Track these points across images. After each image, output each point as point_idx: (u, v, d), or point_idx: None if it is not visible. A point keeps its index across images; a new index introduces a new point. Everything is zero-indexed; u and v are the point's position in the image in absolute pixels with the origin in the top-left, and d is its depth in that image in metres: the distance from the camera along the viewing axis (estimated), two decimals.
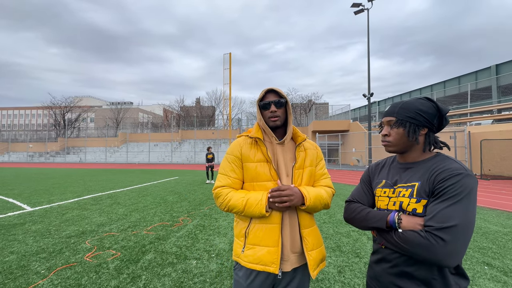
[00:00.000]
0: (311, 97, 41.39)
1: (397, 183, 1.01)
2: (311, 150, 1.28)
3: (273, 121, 1.20)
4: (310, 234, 1.18)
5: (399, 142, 0.99)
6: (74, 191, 8.17)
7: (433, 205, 0.86)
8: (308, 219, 1.21)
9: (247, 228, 1.17)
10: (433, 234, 0.81)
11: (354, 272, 2.69)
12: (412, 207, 0.92)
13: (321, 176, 1.28)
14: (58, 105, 43.15)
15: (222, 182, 1.20)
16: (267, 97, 1.22)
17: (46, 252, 3.20)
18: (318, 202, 1.15)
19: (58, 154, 34.72)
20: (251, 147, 1.21)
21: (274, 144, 1.22)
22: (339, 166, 20.53)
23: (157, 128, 43.49)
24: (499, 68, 19.33)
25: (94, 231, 4.05)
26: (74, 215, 5.08)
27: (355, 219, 1.04)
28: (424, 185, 0.91)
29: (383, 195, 1.03)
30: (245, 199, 1.12)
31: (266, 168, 1.17)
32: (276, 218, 1.14)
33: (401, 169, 1.03)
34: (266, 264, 1.10)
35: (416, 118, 0.96)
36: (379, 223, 0.95)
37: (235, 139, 1.33)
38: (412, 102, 0.98)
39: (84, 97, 62.09)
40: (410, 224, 0.88)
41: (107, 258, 3.02)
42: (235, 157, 1.21)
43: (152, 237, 3.77)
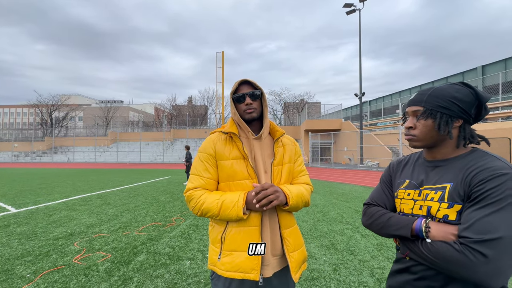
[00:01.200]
0: (303, 97, 41.65)
1: (424, 184, 0.87)
2: (290, 146, 1.22)
3: (249, 113, 1.11)
4: (291, 235, 1.12)
5: (427, 136, 0.84)
6: (61, 192, 7.92)
7: (470, 211, 0.72)
8: (289, 218, 1.14)
9: (223, 232, 1.07)
10: (471, 248, 0.67)
11: (349, 269, 2.69)
12: (443, 213, 0.77)
13: (299, 173, 1.22)
14: (45, 103, 41.82)
15: (195, 184, 1.09)
16: (241, 89, 1.14)
17: (32, 255, 3.07)
18: (300, 200, 1.10)
19: (45, 154, 33.68)
20: (225, 144, 1.11)
21: (251, 139, 1.14)
22: (332, 164, 20.73)
23: (149, 127, 42.77)
24: (485, 69, 19.96)
25: (83, 232, 3.92)
26: (62, 216, 4.91)
27: (375, 224, 0.91)
28: (458, 187, 0.77)
29: (407, 198, 0.89)
30: (220, 201, 1.02)
31: (242, 165, 1.08)
32: (255, 219, 1.05)
33: (428, 168, 0.89)
34: (245, 271, 1.00)
35: (449, 108, 0.80)
36: (402, 230, 0.81)
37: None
38: (445, 88, 0.83)
39: (72, 95, 60.40)
40: (440, 234, 0.74)
41: (97, 260, 2.92)
42: (209, 155, 1.11)
43: (144, 237, 3.68)
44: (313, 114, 38.10)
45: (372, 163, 18.13)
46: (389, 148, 18.18)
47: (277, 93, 43.47)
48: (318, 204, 5.90)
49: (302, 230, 4.02)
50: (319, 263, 2.84)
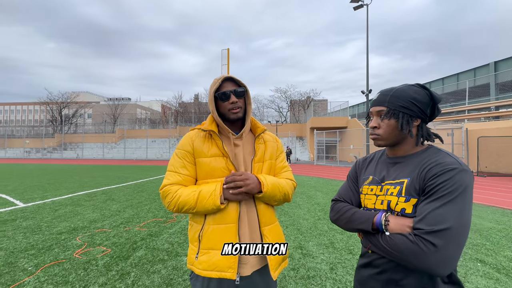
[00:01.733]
0: (309, 94, 41.26)
1: (385, 179, 0.91)
2: (271, 143, 1.20)
3: (235, 113, 1.08)
4: (271, 232, 1.10)
5: (391, 135, 0.88)
6: (68, 187, 8.10)
7: (423, 205, 0.77)
8: (269, 214, 1.12)
9: (201, 230, 1.05)
10: (423, 239, 0.71)
11: (346, 269, 2.66)
12: (401, 206, 0.82)
13: (281, 169, 1.21)
14: (55, 100, 42.76)
15: (171, 180, 1.06)
16: (225, 86, 1.09)
17: (35, 248, 3.15)
18: (276, 189, 1.07)
19: (55, 150, 34.51)
20: (204, 141, 1.09)
21: (231, 137, 1.12)
22: (337, 163, 20.55)
23: (155, 124, 43.27)
24: (498, 65, 19.30)
25: (86, 227, 4.00)
26: (67, 211, 5.03)
27: (340, 219, 0.95)
28: (414, 182, 0.82)
29: (370, 193, 0.93)
30: (196, 192, 1.01)
31: (222, 162, 1.07)
32: (232, 216, 1.04)
33: (390, 164, 0.93)
34: (222, 270, 0.99)
35: (409, 108, 0.85)
36: (364, 224, 0.85)
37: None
38: (404, 89, 0.87)
39: (81, 93, 61.50)
40: (398, 226, 0.78)
41: (97, 254, 2.97)
42: (186, 152, 1.09)
43: (144, 233, 3.73)
44: (319, 112, 37.79)
45: None
46: None
47: (283, 90, 43.26)
48: (320, 203, 5.85)
49: (302, 228, 4.00)
50: (316, 262, 2.81)
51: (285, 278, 2.48)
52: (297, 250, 3.14)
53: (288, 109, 43.97)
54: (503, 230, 3.89)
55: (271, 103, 43.81)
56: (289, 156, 20.38)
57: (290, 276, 2.51)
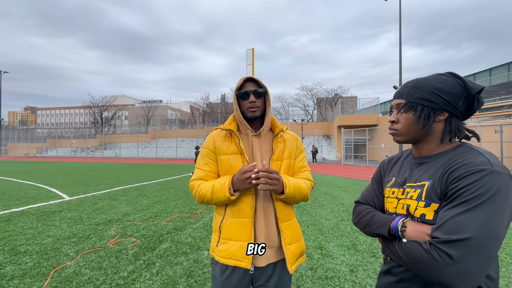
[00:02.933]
0: (337, 91, 39.86)
1: (407, 181, 0.84)
2: (290, 142, 1.22)
3: (252, 112, 1.15)
4: (288, 228, 1.14)
5: (409, 130, 0.81)
6: (107, 183, 8.86)
7: (443, 211, 0.69)
8: (287, 211, 1.15)
9: (221, 222, 1.14)
10: (438, 248, 0.64)
11: (367, 272, 2.56)
12: (421, 212, 0.75)
13: (300, 168, 1.22)
14: (97, 104, 46.91)
15: (196, 176, 1.19)
16: (246, 86, 1.16)
17: (77, 237, 3.52)
18: (297, 191, 1.11)
19: (97, 150, 37.87)
20: (224, 140, 1.17)
21: (250, 135, 1.17)
22: (366, 162, 19.60)
23: (184, 125, 45.26)
24: None
25: (120, 219, 4.36)
26: (104, 204, 5.52)
27: (360, 222, 0.90)
28: (435, 185, 0.73)
29: (392, 196, 0.87)
30: (211, 185, 1.10)
31: (239, 160, 1.13)
32: (248, 211, 1.10)
33: (414, 164, 0.85)
34: (238, 259, 1.07)
35: (431, 100, 0.76)
36: (381, 229, 0.80)
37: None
38: (428, 79, 0.78)
39: (118, 96, 66.65)
40: (415, 233, 0.72)
41: (127, 245, 3.23)
42: (208, 150, 1.18)
43: (170, 227, 3.96)
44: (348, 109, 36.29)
45: None
46: None
47: (309, 88, 42.32)
48: (345, 203, 5.66)
49: (323, 228, 3.92)
50: (336, 263, 2.75)
51: (302, 277, 2.46)
52: (317, 250, 3.09)
53: (314, 107, 42.97)
54: None
55: (296, 102, 43.23)
56: (315, 155, 19.93)
57: (307, 276, 2.49)
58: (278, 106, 43.55)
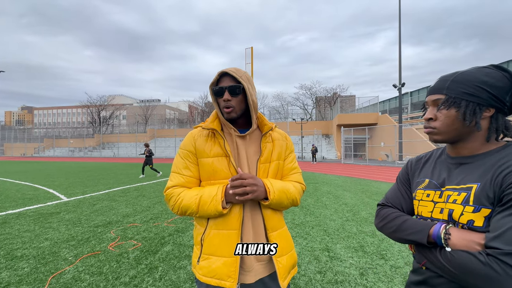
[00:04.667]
0: (336, 90, 39.83)
1: (446, 183, 0.76)
2: (280, 141, 1.10)
3: (227, 113, 1.00)
4: (278, 237, 1.02)
5: (450, 128, 0.73)
6: (105, 183, 8.73)
7: (500, 217, 0.62)
8: (276, 219, 1.04)
9: (203, 234, 0.99)
10: (500, 261, 0.58)
11: (378, 275, 2.47)
12: (468, 218, 0.68)
13: (290, 170, 1.10)
14: (94, 103, 46.60)
15: (174, 182, 1.02)
16: (222, 81, 1.00)
17: (75, 240, 3.41)
18: (284, 196, 0.99)
19: (95, 149, 37.63)
20: (206, 140, 1.03)
21: (234, 135, 1.03)
22: (366, 161, 19.57)
23: (183, 124, 45.08)
24: None
25: (119, 221, 4.25)
26: (103, 206, 5.40)
27: (387, 227, 0.83)
28: (487, 189, 0.67)
29: (426, 199, 0.79)
30: (198, 196, 0.95)
31: (224, 163, 1.00)
32: (234, 222, 0.96)
33: (452, 165, 0.78)
34: (221, 278, 0.93)
35: (477, 95, 0.69)
36: (418, 235, 0.72)
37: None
38: (471, 72, 0.71)
39: (116, 96, 66.36)
40: (463, 242, 0.65)
41: (128, 248, 3.13)
42: (189, 152, 1.03)
43: (171, 229, 3.86)
44: (347, 108, 36.32)
45: None
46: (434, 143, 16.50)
47: (308, 87, 42.27)
48: (348, 203, 5.58)
49: (329, 229, 3.84)
50: (345, 266, 2.66)
51: (311, 282, 2.37)
52: (324, 252, 3.01)
53: (313, 106, 42.93)
54: None
55: (295, 101, 43.14)
56: (314, 155, 19.88)
57: (317, 280, 2.40)
58: (277, 105, 43.57)
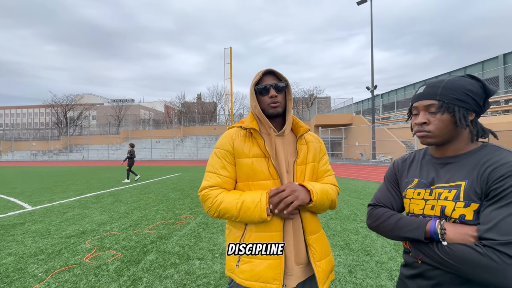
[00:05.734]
0: (313, 91, 40.97)
1: (435, 182, 0.83)
2: (314, 144, 1.12)
3: (274, 107, 1.01)
4: (317, 241, 1.01)
5: (443, 131, 0.80)
6: (76, 189, 8.10)
7: (491, 210, 0.68)
8: (314, 223, 1.04)
9: (242, 237, 0.98)
10: (497, 251, 0.63)
11: (365, 271, 2.55)
12: (460, 212, 0.74)
13: (324, 172, 1.11)
14: (60, 103, 43.19)
15: (211, 182, 1.00)
16: (265, 79, 1.04)
17: (45, 253, 3.10)
18: (325, 197, 0.99)
19: (61, 152, 34.86)
20: (245, 140, 1.02)
21: (272, 136, 1.03)
22: (343, 160, 20.35)
23: (159, 125, 43.43)
24: (507, 57, 18.86)
25: (95, 230, 3.95)
26: (75, 214, 4.99)
27: (382, 226, 0.87)
28: (474, 185, 0.74)
29: (417, 197, 0.85)
30: (239, 201, 0.93)
31: (264, 164, 0.99)
32: (276, 224, 0.96)
33: (438, 165, 0.85)
34: (267, 281, 0.92)
35: (465, 101, 0.77)
36: (415, 232, 0.77)
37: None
38: (457, 80, 0.80)
39: (85, 95, 62.05)
40: (458, 236, 0.71)
41: (107, 259, 2.91)
42: (227, 152, 1.02)
43: (154, 236, 3.66)
44: (323, 109, 37.47)
45: (385, 158, 17.63)
46: (403, 142, 17.60)
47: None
48: None
49: None
50: None
51: None
52: None
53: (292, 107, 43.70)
54: None
55: None
56: None
57: None
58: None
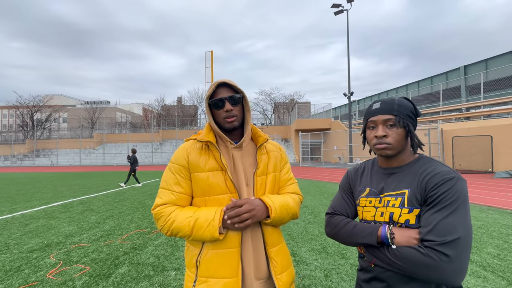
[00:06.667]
0: (293, 96, 41.85)
1: (384, 191, 0.90)
2: (275, 153, 1.09)
3: (230, 122, 0.98)
4: (278, 254, 1.00)
5: (399, 144, 0.87)
6: (41, 198, 7.51)
7: (428, 215, 0.77)
8: (276, 235, 1.02)
9: (199, 255, 0.94)
10: (435, 250, 0.72)
11: (341, 275, 2.62)
12: (405, 218, 0.82)
13: (286, 181, 1.10)
14: (26, 104, 40.05)
15: (164, 199, 0.95)
16: (219, 92, 0.99)
17: (1, 271, 2.82)
18: (285, 212, 0.98)
19: (26, 157, 32.26)
20: (201, 153, 0.98)
21: (230, 148, 1.00)
22: (322, 164, 20.89)
23: (136, 128, 41.80)
24: (467, 69, 20.62)
25: (62, 243, 3.68)
26: (39, 225, 4.62)
27: (340, 234, 0.92)
28: (415, 192, 0.82)
29: (369, 205, 0.92)
30: (192, 219, 0.89)
31: (220, 177, 0.96)
32: (234, 240, 0.92)
33: (385, 175, 0.93)
34: None
35: (412, 118, 0.89)
36: (368, 238, 0.84)
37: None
38: (404, 100, 0.90)
39: (55, 96, 58.06)
40: (404, 239, 0.79)
41: (74, 274, 2.71)
42: (181, 166, 0.97)
43: (127, 246, 3.49)
44: (303, 114, 38.36)
45: (361, 161, 18.34)
46: None
47: (267, 92, 43.52)
48: (309, 205, 5.84)
49: (293, 233, 3.94)
50: (310, 269, 2.75)
51: None
52: None
53: (272, 112, 44.27)
54: (483, 226, 4.06)
55: (256, 106, 43.87)
56: None
57: None
58: None
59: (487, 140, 11.89)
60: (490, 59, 18.89)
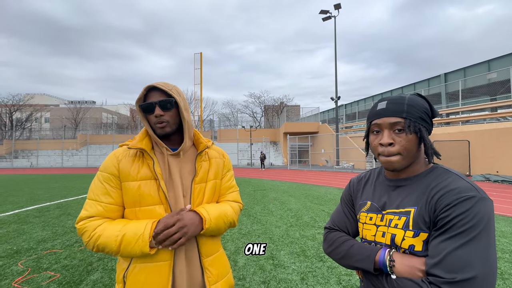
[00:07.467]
0: (282, 99, 42.21)
1: (386, 207, 0.76)
2: (217, 160, 1.06)
3: (161, 128, 0.93)
4: (214, 263, 0.96)
5: (411, 153, 0.70)
6: (15, 202, 7.16)
7: (437, 242, 0.62)
8: (212, 244, 0.98)
9: (126, 270, 0.87)
10: None
11: (316, 278, 2.64)
12: (409, 242, 0.68)
13: (228, 189, 1.07)
14: (4, 103, 38.28)
15: (90, 211, 0.86)
16: (150, 96, 0.93)
17: None
18: (221, 222, 0.94)
19: (4, 159, 30.75)
20: (133, 161, 0.91)
21: (166, 155, 0.94)
22: (309, 166, 21.13)
23: (123, 129, 40.83)
24: (447, 76, 21.56)
25: (32, 249, 3.51)
26: (9, 230, 4.39)
27: (335, 253, 0.80)
28: (423, 212, 0.67)
29: (369, 222, 0.79)
30: (120, 234, 0.81)
31: (153, 187, 0.89)
32: (165, 253, 0.87)
33: (390, 187, 0.78)
34: None
35: (426, 120, 0.71)
36: (364, 263, 0.71)
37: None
38: (416, 98, 0.73)
39: (37, 95, 55.88)
40: (406, 269, 0.65)
41: (41, 282, 2.60)
42: (110, 175, 0.90)
43: None
44: (292, 117, 38.76)
45: (347, 164, 18.73)
46: (363, 150, 18.89)
47: (257, 95, 43.76)
48: (293, 208, 5.88)
49: (274, 236, 3.94)
50: (287, 272, 2.76)
51: None
52: (269, 261, 3.06)
53: (262, 114, 44.45)
54: None
55: (245, 108, 43.97)
56: (263, 161, 20.47)
57: None
58: (227, 112, 43.65)
59: (465, 145, 12.43)
60: (468, 68, 19.83)
